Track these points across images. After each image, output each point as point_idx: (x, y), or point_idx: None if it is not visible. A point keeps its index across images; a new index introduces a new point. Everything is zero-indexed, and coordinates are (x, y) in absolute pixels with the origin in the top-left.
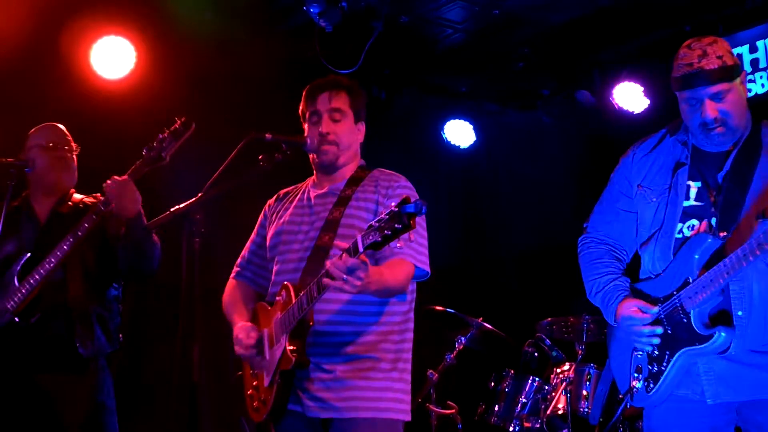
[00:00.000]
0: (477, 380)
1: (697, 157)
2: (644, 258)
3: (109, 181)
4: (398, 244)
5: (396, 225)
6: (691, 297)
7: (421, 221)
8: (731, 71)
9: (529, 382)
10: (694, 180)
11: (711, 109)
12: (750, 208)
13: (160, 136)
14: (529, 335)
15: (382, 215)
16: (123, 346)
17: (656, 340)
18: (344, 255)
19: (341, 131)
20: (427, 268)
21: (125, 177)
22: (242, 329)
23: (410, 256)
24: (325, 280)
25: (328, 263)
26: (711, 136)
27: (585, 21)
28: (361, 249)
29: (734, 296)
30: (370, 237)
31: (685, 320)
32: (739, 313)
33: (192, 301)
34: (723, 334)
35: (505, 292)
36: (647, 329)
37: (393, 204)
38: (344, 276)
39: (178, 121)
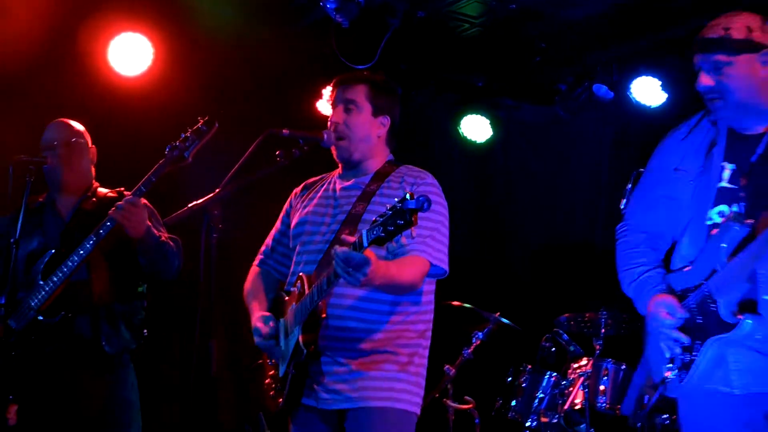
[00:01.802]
0: (494, 375)
1: (733, 138)
2: (679, 246)
3: (117, 203)
4: (402, 240)
5: (398, 221)
6: (719, 286)
7: (441, 219)
8: (734, 44)
9: (547, 377)
10: (729, 161)
11: (704, 79)
12: None
13: (183, 136)
14: (547, 330)
15: (386, 211)
16: (143, 341)
17: (678, 349)
18: (350, 249)
19: (353, 122)
20: (445, 267)
21: (131, 197)
22: (260, 319)
23: (425, 252)
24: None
25: (334, 254)
26: (711, 108)
27: (602, 15)
28: (365, 244)
29: (761, 281)
30: (374, 232)
31: (713, 308)
32: (765, 297)
33: (210, 296)
34: (749, 321)
35: (521, 287)
36: (674, 333)
37: (396, 200)
38: (348, 269)
39: (201, 121)
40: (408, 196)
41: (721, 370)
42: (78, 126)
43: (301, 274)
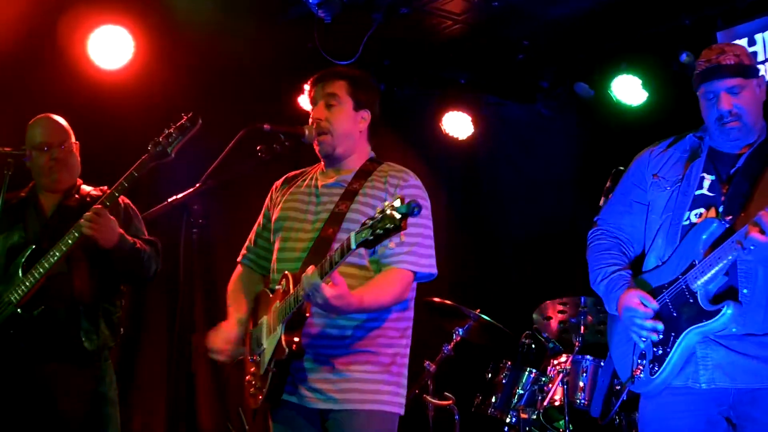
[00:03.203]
0: (474, 371)
1: (713, 155)
2: (652, 248)
3: (84, 216)
4: (390, 245)
5: (388, 225)
6: (697, 276)
7: (425, 221)
8: (747, 70)
9: (526, 373)
10: (708, 173)
11: (726, 102)
12: (756, 198)
13: (166, 132)
14: (527, 327)
15: (375, 214)
16: (122, 337)
17: (654, 337)
18: (312, 268)
19: (335, 118)
20: (432, 270)
21: (99, 207)
22: (221, 332)
23: (411, 263)
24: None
25: (302, 276)
26: (726, 131)
27: (584, 14)
28: (353, 246)
29: (741, 275)
30: (362, 235)
31: (691, 300)
32: (745, 291)
33: (190, 292)
34: (730, 310)
35: (502, 284)
36: (649, 323)
37: (386, 203)
38: (308, 292)
39: (185, 117)
40: (399, 200)
41: (691, 366)
42: (58, 124)
43: (286, 272)
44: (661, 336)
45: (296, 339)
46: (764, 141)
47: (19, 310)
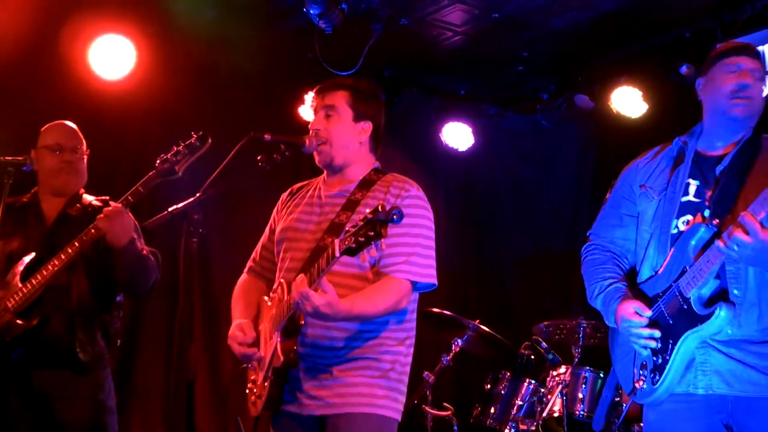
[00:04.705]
0: (473, 382)
1: (699, 159)
2: (645, 258)
3: (104, 210)
4: (370, 252)
5: (369, 233)
6: (689, 282)
7: (425, 231)
8: (764, 68)
9: (525, 384)
10: (694, 178)
11: (748, 77)
12: (743, 198)
13: (175, 149)
14: (526, 338)
15: (358, 221)
16: (121, 346)
17: (653, 344)
18: (302, 277)
19: (332, 128)
20: (432, 280)
21: (119, 206)
22: (239, 327)
23: (407, 273)
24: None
25: (292, 284)
26: (735, 104)
27: (584, 25)
28: (337, 254)
29: (730, 276)
30: (345, 243)
31: (685, 306)
32: (735, 291)
33: (189, 301)
34: (723, 311)
35: (502, 295)
36: (645, 331)
37: (368, 211)
38: (298, 300)
39: (194, 136)
40: (379, 207)
41: (690, 372)
42: (72, 130)
43: (281, 280)
44: (659, 344)
45: (293, 347)
46: (750, 139)
47: (18, 320)
